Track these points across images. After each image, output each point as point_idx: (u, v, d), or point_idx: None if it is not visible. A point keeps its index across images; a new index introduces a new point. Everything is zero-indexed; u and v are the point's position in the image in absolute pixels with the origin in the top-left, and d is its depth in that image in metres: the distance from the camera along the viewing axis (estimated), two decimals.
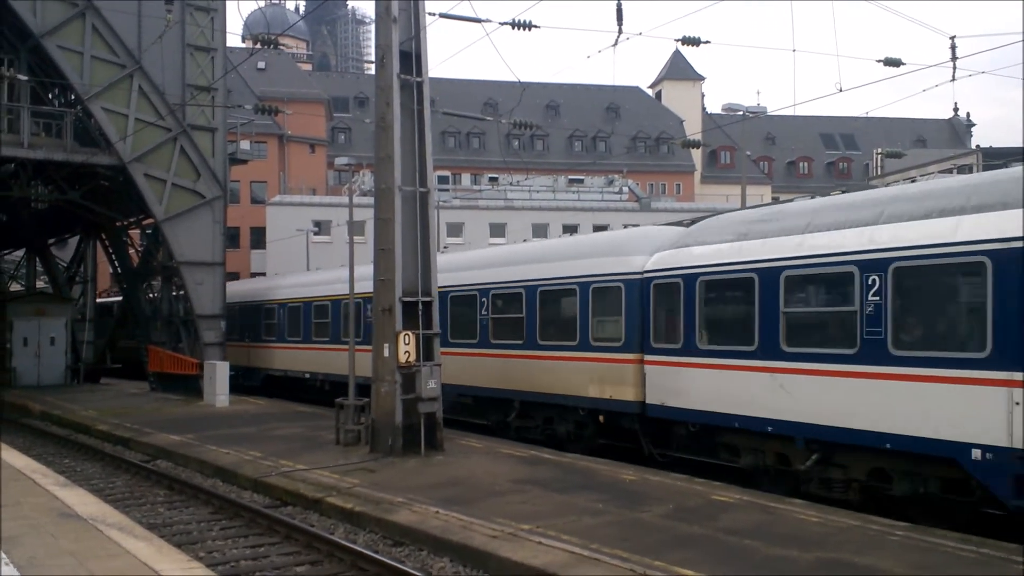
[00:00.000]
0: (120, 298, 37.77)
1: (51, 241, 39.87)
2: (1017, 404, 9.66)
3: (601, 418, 16.67)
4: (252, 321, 31.92)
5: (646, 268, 15.54)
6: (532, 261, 18.96)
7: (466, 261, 21.36)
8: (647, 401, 15.28)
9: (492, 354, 18.40)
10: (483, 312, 19.58)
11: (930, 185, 12.32)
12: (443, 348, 17.57)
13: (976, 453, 10.07)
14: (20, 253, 42.49)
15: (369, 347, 16.92)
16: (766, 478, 13.48)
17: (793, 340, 12.63)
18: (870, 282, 11.49)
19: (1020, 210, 9.88)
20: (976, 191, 10.82)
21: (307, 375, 28.24)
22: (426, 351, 15.99)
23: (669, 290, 14.92)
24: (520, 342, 18.42)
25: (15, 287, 43.70)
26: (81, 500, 10.84)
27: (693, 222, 16.29)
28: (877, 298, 11.37)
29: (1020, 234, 9.79)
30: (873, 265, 11.45)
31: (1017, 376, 9.69)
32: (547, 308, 17.98)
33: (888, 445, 11.17)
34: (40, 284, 41.10)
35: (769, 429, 12.92)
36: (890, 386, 11.13)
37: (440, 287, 17.41)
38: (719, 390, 13.78)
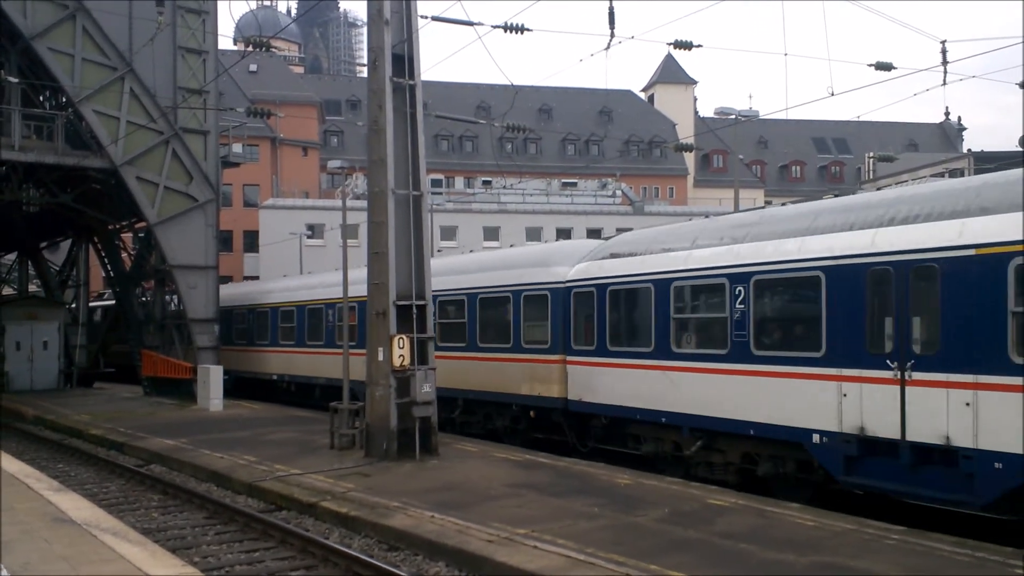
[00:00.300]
0: (112, 302, 37.64)
1: (43, 244, 39.70)
2: (845, 395, 11.61)
3: (532, 413, 18.36)
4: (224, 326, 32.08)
5: (568, 278, 17.38)
6: (474, 271, 20.66)
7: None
8: (569, 397, 17.18)
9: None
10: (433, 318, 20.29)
11: (792, 209, 14.35)
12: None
13: (816, 437, 12.03)
14: (12, 257, 42.33)
15: (332, 350, 20.05)
16: (665, 463, 15.25)
17: (680, 342, 14.64)
18: (736, 292, 13.40)
19: (847, 233, 11.96)
20: (820, 215, 12.93)
21: (275, 376, 29.77)
22: (420, 355, 15.96)
23: (586, 298, 16.86)
24: (463, 345, 20.05)
25: (7, 291, 43.52)
26: (75, 505, 10.79)
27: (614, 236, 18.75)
28: (743, 306, 13.31)
29: (845, 253, 11.76)
30: (739, 278, 13.39)
31: (845, 372, 11.61)
32: (486, 314, 19.67)
33: (752, 432, 13.11)
34: (32, 288, 40.92)
35: (663, 420, 14.89)
36: (753, 381, 13.02)
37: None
38: (624, 387, 15.72)
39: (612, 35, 15.57)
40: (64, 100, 27.89)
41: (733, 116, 32.65)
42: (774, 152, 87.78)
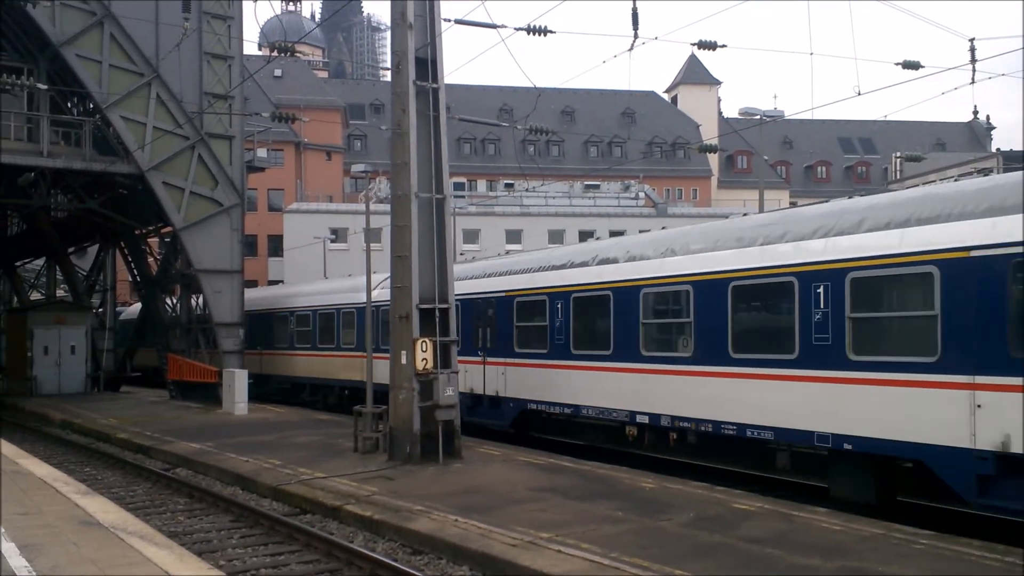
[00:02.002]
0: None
1: (71, 250, 40.13)
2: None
3: (346, 392, 26.64)
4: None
5: (373, 300, 21.15)
6: (337, 292, 28.71)
7: (308, 288, 32.77)
8: (364, 379, 22.09)
9: (292, 354, 29.77)
10: (310, 326, 29.59)
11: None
12: (291, 351, 30.63)
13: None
14: (40, 262, 42.82)
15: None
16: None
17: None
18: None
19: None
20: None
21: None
22: (443, 358, 15.95)
23: (382, 313, 22.02)
24: (308, 346, 29.58)
25: (35, 296, 44.02)
26: (102, 508, 10.87)
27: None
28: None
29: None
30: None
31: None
32: (320, 324, 28.80)
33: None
34: (60, 293, 41.37)
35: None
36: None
37: (288, 307, 30.34)
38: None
39: (635, 36, 15.51)
40: (92, 106, 28.20)
41: (758, 116, 32.44)
42: (799, 152, 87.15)
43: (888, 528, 10.34)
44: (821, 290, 12.08)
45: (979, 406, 10.18)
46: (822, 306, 12.10)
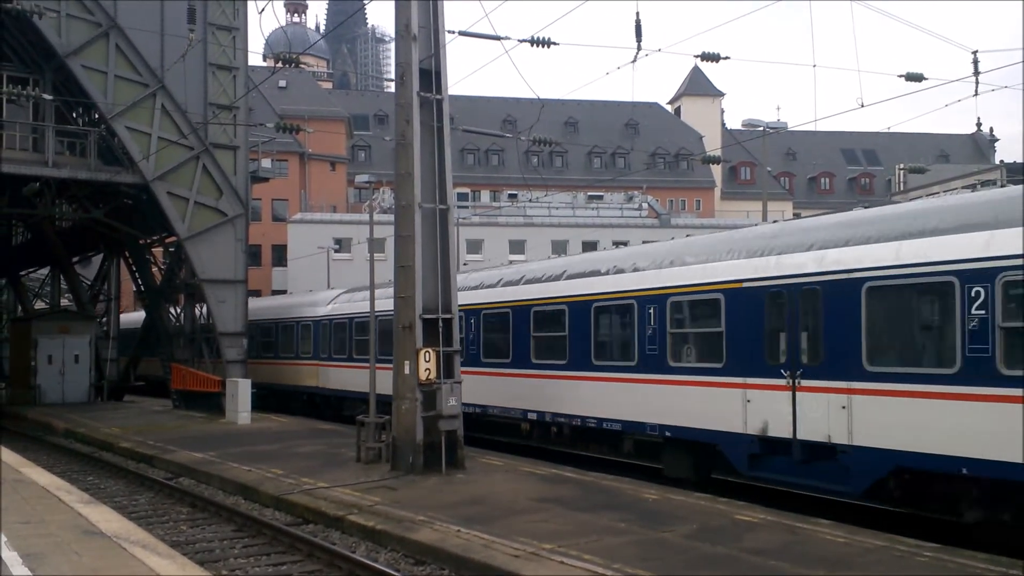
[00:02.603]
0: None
1: (75, 259, 40.22)
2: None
3: (306, 396, 30.36)
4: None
5: (323, 314, 29.09)
6: (286, 306, 33.35)
7: (268, 302, 37.15)
8: (319, 384, 29.12)
9: (262, 363, 32.07)
10: (272, 338, 32.71)
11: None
12: (261, 360, 32.17)
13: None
14: (44, 271, 42.90)
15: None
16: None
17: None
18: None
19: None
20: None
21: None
22: (446, 368, 15.95)
23: (331, 325, 28.35)
24: (272, 355, 32.54)
25: (39, 305, 44.08)
26: (105, 517, 10.87)
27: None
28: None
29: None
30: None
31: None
32: (280, 336, 32.13)
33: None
34: (64, 302, 41.44)
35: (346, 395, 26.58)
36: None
37: (256, 319, 31.52)
38: (343, 378, 27.24)
39: (639, 48, 15.56)
40: (97, 116, 28.31)
41: (761, 128, 32.44)
42: (803, 164, 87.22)
43: (892, 540, 10.31)
44: (652, 310, 15.33)
45: (749, 401, 13.36)
46: (653, 323, 15.30)
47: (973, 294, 10.42)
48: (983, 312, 10.33)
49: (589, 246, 54.93)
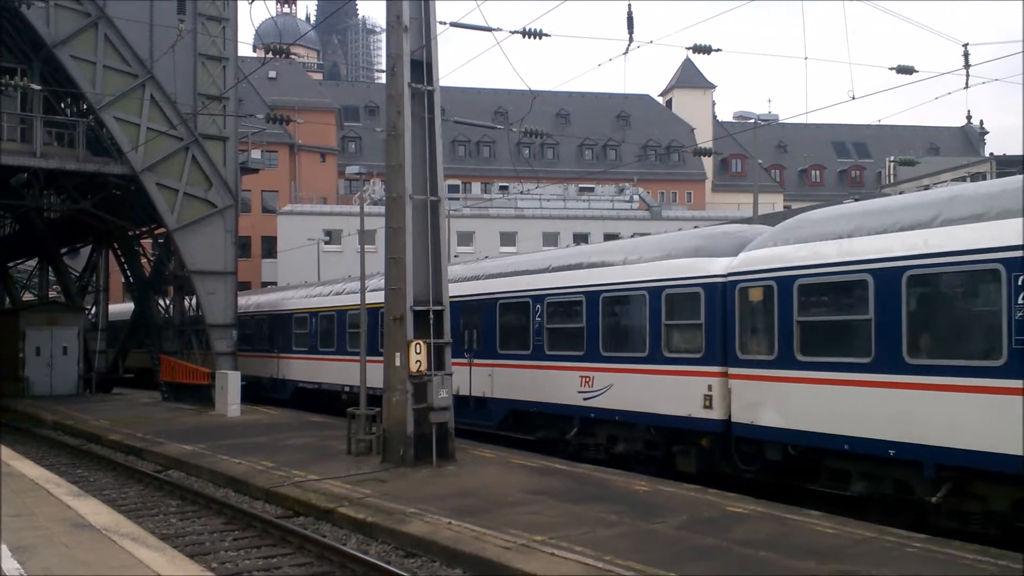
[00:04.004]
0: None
1: (63, 250, 40.00)
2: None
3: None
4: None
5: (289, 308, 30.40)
6: (267, 306, 32.56)
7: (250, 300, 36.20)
8: (277, 375, 30.78)
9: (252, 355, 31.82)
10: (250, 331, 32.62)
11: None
12: (250, 352, 31.40)
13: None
14: (33, 263, 42.68)
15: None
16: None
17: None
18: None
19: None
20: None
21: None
22: (437, 360, 15.94)
23: (299, 321, 29.52)
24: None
25: (27, 297, 43.86)
26: (94, 510, 10.83)
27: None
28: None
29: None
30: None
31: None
32: (273, 330, 31.95)
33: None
34: (52, 293, 41.24)
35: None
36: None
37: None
38: (311, 371, 28.35)
39: (631, 40, 15.55)
40: (85, 107, 28.13)
41: (752, 120, 32.53)
42: (794, 156, 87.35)
43: (881, 531, 10.36)
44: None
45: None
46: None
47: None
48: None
49: (580, 238, 54.97)
